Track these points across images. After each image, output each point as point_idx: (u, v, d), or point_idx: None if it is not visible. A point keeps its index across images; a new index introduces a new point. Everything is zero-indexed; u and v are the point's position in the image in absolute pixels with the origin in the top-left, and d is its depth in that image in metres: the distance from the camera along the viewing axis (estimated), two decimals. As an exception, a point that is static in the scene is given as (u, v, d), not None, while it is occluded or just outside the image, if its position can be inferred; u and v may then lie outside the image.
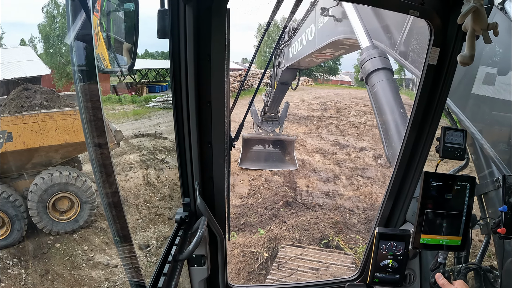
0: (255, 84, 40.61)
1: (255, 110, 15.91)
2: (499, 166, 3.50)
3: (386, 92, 4.78)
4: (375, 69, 5.06)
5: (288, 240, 10.36)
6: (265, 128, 16.17)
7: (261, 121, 16.15)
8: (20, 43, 31.37)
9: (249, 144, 16.41)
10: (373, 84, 4.99)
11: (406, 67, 4.54)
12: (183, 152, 2.54)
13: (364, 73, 5.22)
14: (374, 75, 5.04)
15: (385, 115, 4.54)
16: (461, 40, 2.69)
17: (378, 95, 4.82)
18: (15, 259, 10.51)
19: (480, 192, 3.65)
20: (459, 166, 3.92)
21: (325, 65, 71.17)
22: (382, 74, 4.99)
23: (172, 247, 2.32)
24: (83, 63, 1.92)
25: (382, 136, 4.52)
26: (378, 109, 4.71)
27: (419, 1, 2.57)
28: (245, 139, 16.14)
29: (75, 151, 12.22)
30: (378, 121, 4.67)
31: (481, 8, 2.11)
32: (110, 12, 2.11)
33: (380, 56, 5.17)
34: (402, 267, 3.21)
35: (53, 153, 11.65)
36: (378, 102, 4.74)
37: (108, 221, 3.03)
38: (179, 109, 2.38)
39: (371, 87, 5.04)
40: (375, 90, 4.91)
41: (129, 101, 31.71)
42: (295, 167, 16.19)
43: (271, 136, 16.32)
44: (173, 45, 2.21)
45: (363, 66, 5.27)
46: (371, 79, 5.06)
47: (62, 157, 11.96)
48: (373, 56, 5.20)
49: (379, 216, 3.45)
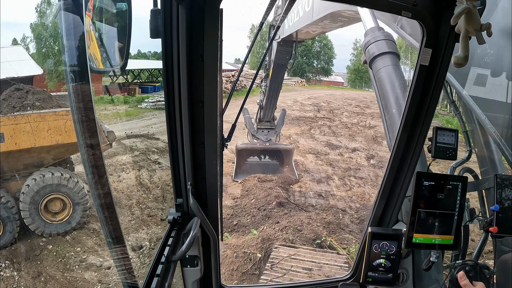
0: (248, 85, 40.55)
1: (249, 118, 15.26)
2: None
3: (392, 79, 4.55)
4: (381, 53, 4.83)
5: (281, 240, 10.36)
6: (260, 137, 15.46)
7: (256, 129, 15.44)
8: (12, 43, 31.09)
9: (244, 155, 15.76)
10: (378, 69, 4.76)
11: (406, 39, 4.25)
12: (175, 153, 2.53)
13: (368, 57, 4.96)
14: (379, 59, 4.81)
15: (390, 104, 4.35)
16: (453, 41, 2.71)
17: (383, 82, 4.60)
18: (7, 261, 10.42)
19: (481, 188, 3.65)
20: (462, 159, 3.91)
21: (317, 66, 71.44)
22: (388, 59, 4.76)
23: (165, 248, 2.32)
24: (75, 63, 1.91)
25: (386, 125, 4.33)
26: (383, 96, 4.50)
27: (412, 2, 2.59)
28: (239, 149, 15.47)
29: (67, 152, 12.12)
30: (382, 109, 4.47)
31: (474, 9, 2.13)
32: (103, 12, 2.11)
33: (386, 39, 4.94)
34: (395, 266, 3.23)
35: (45, 154, 11.56)
36: (383, 89, 4.53)
37: (100, 222, 3.02)
38: (172, 109, 2.37)
39: (375, 72, 4.80)
40: (380, 76, 4.68)
41: (122, 101, 31.56)
42: (294, 177, 15.78)
43: (267, 146, 15.62)
44: (165, 45, 2.21)
45: (367, 49, 5.01)
46: (375, 64, 4.83)
47: (54, 158, 11.86)
48: (379, 39, 4.95)
49: (372, 216, 3.46)
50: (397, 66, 4.69)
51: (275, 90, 14.36)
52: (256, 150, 15.79)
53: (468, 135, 3.96)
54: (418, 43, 2.80)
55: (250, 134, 15.49)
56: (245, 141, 15.60)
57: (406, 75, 4.55)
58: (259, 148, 15.63)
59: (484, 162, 3.91)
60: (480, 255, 3.75)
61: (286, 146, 16.38)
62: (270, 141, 15.59)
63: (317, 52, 71.92)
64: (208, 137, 2.54)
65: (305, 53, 69.37)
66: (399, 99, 4.29)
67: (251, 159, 16.02)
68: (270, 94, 14.40)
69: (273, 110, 15.51)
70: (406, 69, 5.40)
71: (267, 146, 15.63)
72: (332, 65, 73.87)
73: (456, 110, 4.13)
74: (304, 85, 59.31)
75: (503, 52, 3.40)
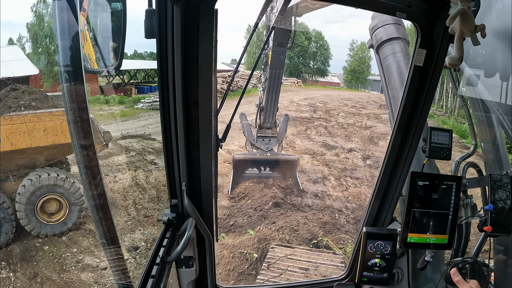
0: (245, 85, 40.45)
1: (247, 125, 14.01)
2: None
3: (401, 67, 4.30)
4: (389, 38, 4.53)
5: (278, 240, 10.38)
6: (260, 147, 13.98)
7: (256, 138, 13.98)
8: (8, 43, 30.98)
9: (241, 166, 14.28)
10: (386, 55, 4.52)
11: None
12: (170, 153, 2.52)
13: (376, 42, 4.67)
14: (387, 45, 4.54)
15: (397, 94, 4.13)
16: (447, 42, 2.72)
17: (391, 69, 4.38)
18: (3, 262, 10.39)
19: (484, 184, 3.65)
20: (467, 153, 3.89)
21: (314, 67, 71.52)
22: (397, 45, 4.48)
23: (160, 249, 2.31)
24: (69, 63, 1.90)
25: (392, 116, 4.13)
26: (390, 85, 4.31)
27: (407, 3, 2.60)
28: (236, 160, 14.00)
29: (63, 153, 12.10)
30: (389, 98, 4.34)
31: (468, 10, 2.14)
32: (97, 12, 2.10)
33: (395, 23, 4.59)
34: (390, 266, 3.24)
35: (41, 154, 11.53)
36: (390, 77, 4.33)
37: (95, 223, 3.02)
38: (166, 109, 2.37)
39: (382, 59, 4.54)
40: (388, 63, 4.45)
41: (118, 102, 31.53)
42: (299, 188, 14.73)
43: (268, 156, 14.02)
44: (160, 46, 2.20)
45: (374, 34, 4.70)
46: (383, 50, 4.57)
47: (50, 159, 11.83)
48: (387, 23, 4.60)
49: (367, 216, 3.48)
50: (407, 53, 4.43)
51: (276, 78, 13.01)
52: (256, 161, 14.26)
53: (474, 128, 3.94)
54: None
55: (249, 143, 14.14)
56: (242, 142, 14.73)
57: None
58: (259, 158, 14.11)
59: (489, 157, 3.89)
60: (480, 252, 3.76)
61: (289, 156, 14.91)
62: (271, 150, 14.16)
63: (313, 52, 71.98)
64: (203, 137, 2.54)
65: (302, 54, 69.46)
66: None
67: (249, 171, 14.52)
68: (271, 85, 13.06)
69: (274, 110, 14.07)
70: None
71: (268, 157, 14.10)
72: (328, 65, 74.04)
73: (462, 101, 4.09)
74: (301, 85, 59.33)
75: (497, 53, 3.41)
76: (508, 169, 3.56)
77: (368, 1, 2.72)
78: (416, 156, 3.21)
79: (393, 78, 4.31)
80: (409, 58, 4.17)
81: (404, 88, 2.95)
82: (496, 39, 3.22)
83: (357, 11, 3.44)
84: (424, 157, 2.95)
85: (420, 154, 3.08)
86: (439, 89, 43.76)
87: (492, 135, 3.78)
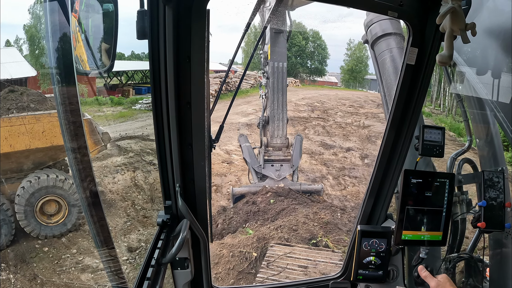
0: (244, 87, 40.40)
1: (249, 148, 11.02)
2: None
3: (396, 63, 4.24)
4: (384, 34, 4.47)
5: (277, 239, 10.38)
6: (270, 175, 10.70)
7: (263, 164, 10.78)
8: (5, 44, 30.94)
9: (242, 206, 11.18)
10: (381, 51, 4.46)
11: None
12: (163, 154, 2.52)
13: (371, 37, 4.60)
14: (382, 40, 4.49)
15: (392, 89, 3.93)
16: (439, 40, 2.74)
17: (386, 66, 4.34)
18: (3, 264, 10.39)
19: (479, 180, 3.66)
20: (462, 149, 3.90)
21: (311, 66, 71.56)
22: (393, 41, 4.42)
23: (155, 250, 2.30)
24: (61, 65, 1.90)
25: (387, 112, 3.94)
26: (385, 82, 4.26)
27: (398, 2, 2.61)
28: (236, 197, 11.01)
29: (62, 154, 12.10)
30: (384, 95, 4.29)
31: (459, 8, 2.16)
32: (89, 13, 2.10)
33: (391, 18, 4.48)
34: (385, 264, 3.25)
35: (40, 155, 11.53)
36: (386, 74, 4.28)
37: (89, 226, 3.02)
38: (159, 110, 2.37)
39: (378, 54, 4.48)
40: (383, 60, 4.40)
41: (116, 103, 31.55)
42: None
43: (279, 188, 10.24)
44: (152, 46, 2.20)
45: (369, 29, 4.64)
46: (378, 45, 4.52)
47: (49, 160, 11.83)
48: (382, 18, 4.54)
49: (361, 214, 3.49)
50: (402, 48, 4.27)
51: (280, 72, 11.30)
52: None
53: (470, 124, 3.95)
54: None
55: (253, 171, 10.80)
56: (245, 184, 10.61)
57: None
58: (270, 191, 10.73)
59: (484, 153, 3.90)
60: (475, 248, 3.78)
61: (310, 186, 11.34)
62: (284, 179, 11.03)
63: (311, 52, 72.05)
64: (196, 138, 2.54)
65: (299, 54, 69.51)
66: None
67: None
68: (274, 82, 11.24)
69: (284, 117, 11.53)
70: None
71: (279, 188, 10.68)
72: (326, 65, 74.29)
73: (458, 97, 4.09)
74: (298, 85, 59.27)
75: (488, 51, 3.42)
76: (504, 165, 3.58)
77: (359, 0, 2.73)
78: (410, 153, 3.23)
79: (388, 73, 4.29)
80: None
81: (396, 86, 2.97)
82: (488, 37, 3.23)
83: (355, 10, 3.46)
84: (417, 154, 2.96)
85: (414, 152, 3.09)
86: (436, 88, 43.85)
87: (487, 132, 3.79)
